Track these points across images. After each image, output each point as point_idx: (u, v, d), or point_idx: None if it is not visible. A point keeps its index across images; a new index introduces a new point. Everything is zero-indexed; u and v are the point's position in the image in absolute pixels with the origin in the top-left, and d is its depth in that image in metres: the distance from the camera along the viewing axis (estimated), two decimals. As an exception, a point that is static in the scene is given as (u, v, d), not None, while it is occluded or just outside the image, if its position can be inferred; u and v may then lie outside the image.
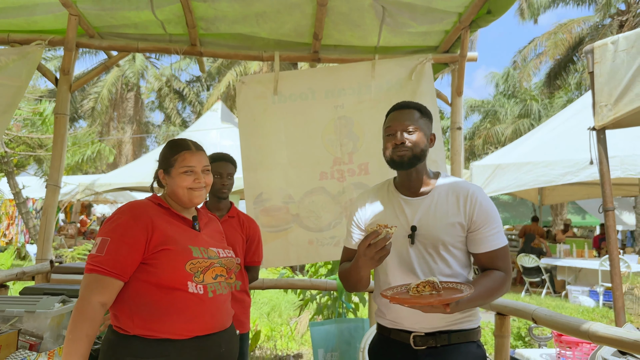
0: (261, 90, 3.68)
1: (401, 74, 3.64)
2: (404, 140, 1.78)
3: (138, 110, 28.47)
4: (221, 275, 1.83)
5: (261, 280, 3.57)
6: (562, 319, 2.29)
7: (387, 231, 1.57)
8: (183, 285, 1.69)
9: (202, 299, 1.72)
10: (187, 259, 1.71)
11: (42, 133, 11.47)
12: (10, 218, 15.85)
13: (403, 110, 1.84)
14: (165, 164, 1.88)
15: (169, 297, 1.67)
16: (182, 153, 1.86)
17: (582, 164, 6.44)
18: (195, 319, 1.69)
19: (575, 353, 3.10)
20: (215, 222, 2.05)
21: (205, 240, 1.86)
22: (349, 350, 3.71)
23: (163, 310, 1.66)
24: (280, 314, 7.42)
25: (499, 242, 1.75)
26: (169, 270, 1.68)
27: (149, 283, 1.68)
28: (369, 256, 1.61)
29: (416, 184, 1.84)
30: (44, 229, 3.50)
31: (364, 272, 1.71)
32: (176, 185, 1.83)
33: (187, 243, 1.76)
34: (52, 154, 3.63)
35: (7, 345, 2.21)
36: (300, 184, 3.64)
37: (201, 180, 1.84)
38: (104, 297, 1.63)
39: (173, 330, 1.65)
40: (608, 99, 3.24)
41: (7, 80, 3.40)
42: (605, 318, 7.45)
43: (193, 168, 1.84)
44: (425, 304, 1.51)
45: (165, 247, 1.70)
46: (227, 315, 1.83)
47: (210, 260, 1.78)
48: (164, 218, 1.79)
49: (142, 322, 1.65)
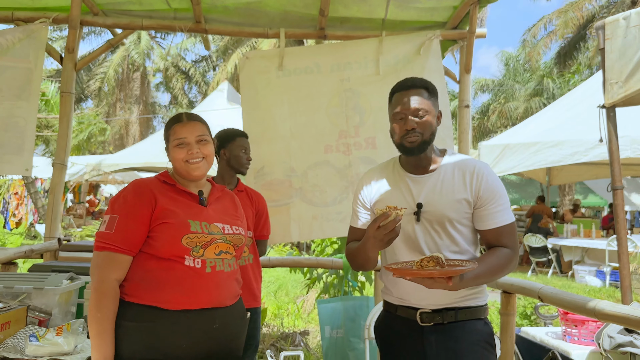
0: (265, 65, 3.63)
1: (409, 50, 3.58)
2: (414, 126, 1.74)
3: (144, 90, 28.42)
4: (227, 252, 1.81)
5: (267, 258, 3.57)
6: (569, 297, 2.29)
7: (396, 213, 1.57)
8: (180, 258, 1.71)
9: (198, 273, 1.72)
10: (184, 232, 1.71)
11: (48, 113, 11.48)
12: (19, 198, 16.00)
13: (410, 90, 1.79)
14: (165, 138, 1.91)
15: (166, 268, 1.70)
16: (173, 127, 1.86)
17: (590, 144, 6.38)
18: (188, 292, 1.70)
19: (581, 331, 3.10)
20: (230, 198, 2.02)
21: (210, 215, 1.84)
22: (354, 327, 3.73)
23: (158, 280, 1.70)
24: (287, 293, 7.48)
25: (505, 219, 1.74)
26: (166, 243, 1.70)
27: (149, 254, 1.72)
28: (379, 238, 1.61)
29: (423, 162, 1.82)
30: (52, 208, 3.52)
31: (372, 253, 1.71)
32: (174, 159, 1.84)
33: (187, 217, 1.76)
34: (58, 133, 3.63)
35: (16, 321, 2.24)
36: (304, 156, 3.55)
37: (194, 151, 1.81)
38: (118, 274, 1.70)
39: (164, 299, 1.68)
40: (619, 76, 3.18)
41: (16, 62, 3.39)
42: (612, 297, 7.45)
43: (184, 140, 1.82)
44: (425, 275, 1.51)
45: (165, 221, 1.72)
46: (228, 292, 1.80)
47: (212, 236, 1.77)
48: (168, 194, 1.80)
49: (137, 290, 1.70)
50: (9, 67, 3.40)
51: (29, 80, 3.42)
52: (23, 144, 3.40)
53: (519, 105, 21.24)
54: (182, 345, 1.67)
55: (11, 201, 15.86)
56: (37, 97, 3.51)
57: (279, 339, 4.90)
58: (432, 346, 1.75)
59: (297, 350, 4.57)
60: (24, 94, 3.38)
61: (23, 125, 3.37)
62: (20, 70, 3.40)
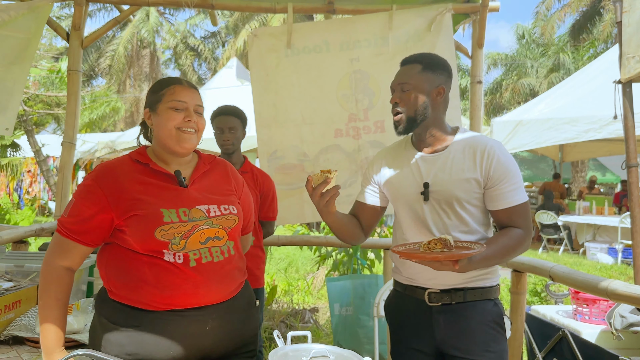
0: (273, 43, 3.58)
1: (420, 26, 3.50)
2: (397, 100, 1.75)
3: (154, 67, 28.34)
4: (216, 238, 1.54)
5: (277, 236, 3.59)
6: (580, 276, 2.25)
7: (326, 176, 1.62)
8: (158, 254, 1.47)
9: (181, 268, 1.47)
10: (156, 225, 1.46)
11: (59, 91, 11.49)
12: (32, 176, 16.18)
13: (404, 66, 1.80)
14: (152, 99, 1.61)
15: (144, 265, 1.47)
16: (172, 86, 1.59)
17: (605, 121, 6.27)
18: (171, 290, 1.46)
19: (592, 310, 3.07)
20: (222, 168, 1.73)
21: (192, 197, 1.57)
22: (363, 305, 3.76)
23: (137, 279, 1.47)
24: (297, 270, 7.53)
25: (518, 199, 1.69)
26: (138, 239, 1.47)
27: (125, 249, 1.50)
28: (322, 204, 1.66)
29: (432, 141, 1.79)
30: (62, 186, 3.53)
31: (327, 219, 1.77)
32: (162, 125, 1.56)
33: (160, 206, 1.50)
34: (66, 111, 3.62)
35: (27, 300, 2.26)
36: (315, 141, 3.59)
37: (193, 119, 1.56)
38: (66, 261, 1.51)
39: (147, 300, 1.46)
40: (636, 50, 3.08)
41: (16, 33, 3.34)
42: (624, 275, 7.41)
43: (184, 104, 1.56)
44: (430, 259, 1.49)
45: (134, 213, 1.48)
46: (222, 286, 1.54)
47: (193, 223, 1.51)
48: (138, 177, 1.55)
49: (117, 288, 1.50)
50: (8, 37, 3.35)
51: (25, 48, 3.38)
52: (7, 103, 3.33)
53: (532, 82, 20.88)
54: (170, 351, 1.46)
55: (24, 179, 16.05)
56: (30, 62, 3.45)
57: (288, 315, 4.94)
58: (441, 326, 1.74)
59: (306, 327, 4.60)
60: (18, 60, 3.35)
61: (11, 86, 3.32)
62: (19, 40, 3.36)
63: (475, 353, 1.71)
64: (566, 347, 2.68)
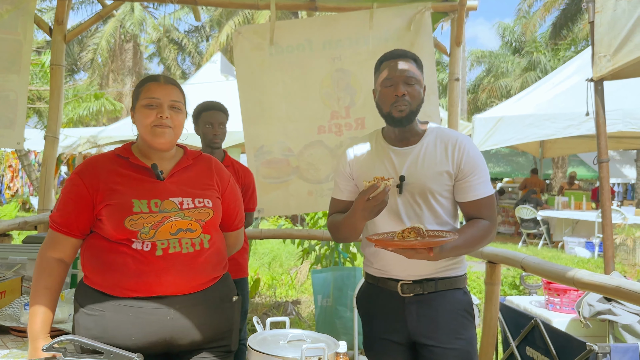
0: (258, 42, 3.64)
1: (399, 24, 3.58)
2: (405, 92, 1.73)
3: (137, 61, 28.07)
4: (188, 230, 1.59)
5: (260, 230, 3.66)
6: (549, 266, 2.36)
7: (385, 184, 1.59)
8: (128, 242, 1.54)
9: (146, 256, 1.53)
10: (126, 214, 1.54)
11: (41, 85, 11.37)
12: (13, 171, 15.98)
13: (401, 59, 1.78)
14: (133, 98, 1.69)
15: (113, 252, 1.55)
16: (147, 84, 1.64)
17: (584, 117, 6.35)
18: (136, 277, 1.52)
19: (563, 300, 3.19)
20: (205, 163, 1.76)
21: (166, 189, 1.62)
22: (341, 296, 3.89)
23: (107, 265, 1.55)
24: (281, 264, 7.59)
25: (485, 191, 1.78)
26: (110, 227, 1.55)
27: (101, 238, 1.59)
28: (368, 210, 1.62)
29: (405, 134, 1.83)
30: (44, 180, 3.56)
31: (360, 225, 1.73)
32: (139, 122, 1.62)
33: (132, 197, 1.57)
34: (49, 105, 3.64)
35: (11, 291, 2.29)
36: (299, 137, 3.69)
37: (165, 115, 1.59)
38: (57, 253, 1.60)
39: (112, 286, 1.54)
40: (607, 49, 3.19)
41: (4, 34, 3.36)
42: (599, 268, 7.57)
43: (157, 101, 1.60)
44: (407, 247, 1.54)
45: (108, 203, 1.56)
46: (187, 278, 1.57)
47: (164, 214, 1.56)
48: (117, 170, 1.62)
49: (90, 274, 1.59)
50: None
51: (18, 53, 3.40)
52: (15, 117, 3.40)
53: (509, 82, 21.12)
54: (132, 337, 1.52)
55: (5, 174, 15.85)
56: (27, 70, 3.50)
57: (271, 307, 5.01)
58: (413, 316, 1.79)
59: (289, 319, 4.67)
60: (14, 67, 3.37)
61: (14, 98, 3.37)
62: (9, 42, 3.38)
63: (447, 341, 1.77)
64: (538, 336, 2.78)
